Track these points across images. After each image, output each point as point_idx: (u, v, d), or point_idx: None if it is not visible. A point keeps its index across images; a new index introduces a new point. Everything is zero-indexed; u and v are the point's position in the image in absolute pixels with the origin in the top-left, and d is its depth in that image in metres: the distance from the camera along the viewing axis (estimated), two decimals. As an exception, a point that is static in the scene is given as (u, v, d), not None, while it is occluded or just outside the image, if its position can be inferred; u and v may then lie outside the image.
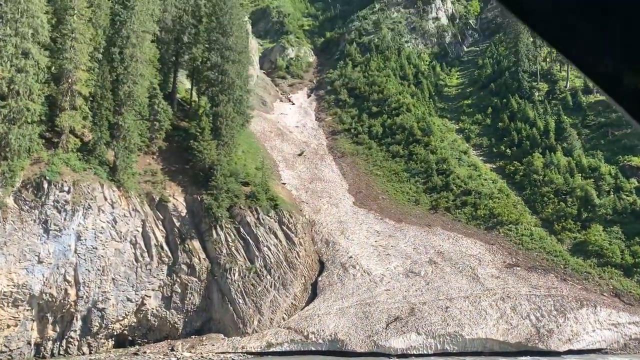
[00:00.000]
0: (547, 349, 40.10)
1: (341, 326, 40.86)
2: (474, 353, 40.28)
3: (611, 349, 42.73)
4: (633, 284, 50.72)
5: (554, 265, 52.50)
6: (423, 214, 62.70)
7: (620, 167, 67.90)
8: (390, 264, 50.10)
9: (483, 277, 47.83)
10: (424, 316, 41.88)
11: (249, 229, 45.67)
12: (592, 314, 43.50)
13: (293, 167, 72.26)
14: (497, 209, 60.64)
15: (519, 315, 42.53)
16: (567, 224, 58.37)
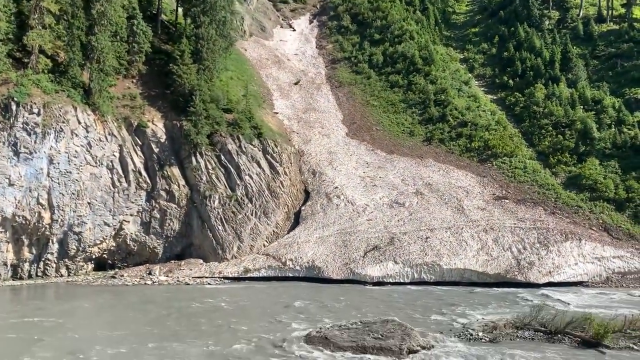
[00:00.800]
0: (525, 280, 39.82)
1: (319, 254, 40.82)
2: (452, 283, 40.19)
3: (593, 282, 42.39)
4: (624, 218, 49.73)
5: (545, 198, 51.46)
6: (416, 145, 61.33)
7: (626, 100, 65.18)
8: (375, 195, 49.45)
9: (468, 208, 47.11)
10: (403, 246, 41.60)
11: (230, 157, 44.85)
12: (576, 247, 42.88)
13: (288, 97, 70.49)
14: (493, 141, 59.01)
15: (500, 246, 42.08)
16: (563, 157, 56.80)
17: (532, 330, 24.44)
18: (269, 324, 25.78)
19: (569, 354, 21.47)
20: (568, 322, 23.79)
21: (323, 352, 20.34)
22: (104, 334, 23.84)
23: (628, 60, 73.05)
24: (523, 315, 25.36)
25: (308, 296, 33.64)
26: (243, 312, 28.87)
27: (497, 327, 24.61)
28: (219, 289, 36.16)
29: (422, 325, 26.07)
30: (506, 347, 22.22)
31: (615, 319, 24.55)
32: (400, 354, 19.96)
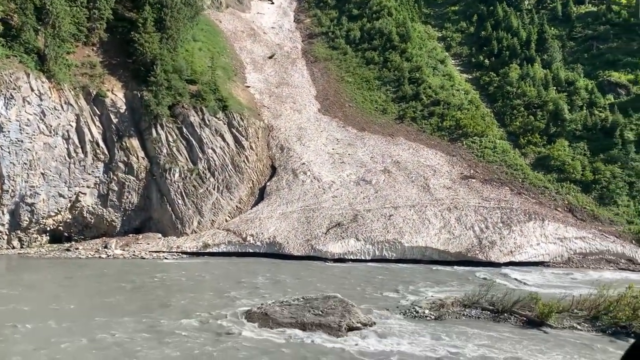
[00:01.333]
0: (486, 259, 39.82)
1: (281, 230, 40.27)
2: (413, 261, 40.02)
3: (555, 262, 42.58)
4: (589, 200, 50.01)
5: (512, 178, 51.44)
6: (388, 123, 60.72)
7: (599, 82, 65.18)
8: (343, 172, 48.88)
9: (434, 187, 46.84)
10: (366, 223, 41.23)
11: (192, 130, 43.75)
12: (539, 228, 42.95)
13: (261, 70, 69.14)
14: (464, 120, 58.64)
15: (463, 225, 41.94)
16: (534, 137, 56.72)
17: (479, 309, 24.25)
18: (219, 300, 25.25)
19: (513, 333, 21.31)
20: (515, 302, 23.62)
21: (260, 329, 19.87)
22: (51, 307, 23.10)
23: (604, 42, 72.95)
24: (472, 294, 25.16)
25: (265, 272, 33.16)
26: (194, 287, 28.27)
27: (444, 305, 24.38)
28: (175, 264, 35.49)
29: (372, 301, 25.78)
30: (450, 325, 22.00)
31: (563, 298, 24.46)
32: (339, 331, 19.56)
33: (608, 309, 22.57)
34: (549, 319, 22.26)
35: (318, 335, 19.32)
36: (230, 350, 17.82)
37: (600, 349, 19.49)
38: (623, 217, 48.22)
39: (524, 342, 19.85)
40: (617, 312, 22.11)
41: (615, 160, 52.84)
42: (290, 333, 19.46)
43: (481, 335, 20.48)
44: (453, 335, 20.30)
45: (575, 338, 20.89)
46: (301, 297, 21.77)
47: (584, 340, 20.49)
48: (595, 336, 21.30)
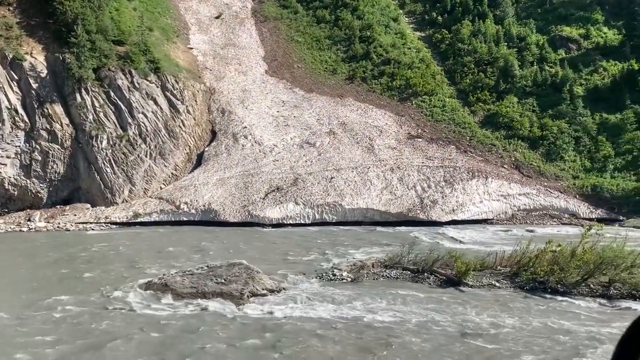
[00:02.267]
0: (427, 219, 39.25)
1: (217, 196, 38.79)
2: (354, 223, 39.21)
3: (498, 219, 42.39)
4: (536, 156, 49.83)
5: (460, 137, 50.77)
6: (338, 84, 59.05)
7: (551, 38, 64.46)
8: (286, 135, 47.32)
9: (379, 148, 45.78)
10: (306, 186, 40.04)
11: (120, 94, 41.33)
12: (482, 185, 42.50)
13: (207, 31, 66.19)
14: (414, 79, 57.37)
15: (405, 185, 41.14)
16: (483, 95, 55.96)
17: (400, 269, 23.45)
18: (128, 272, 23.81)
19: (428, 293, 20.55)
20: (434, 260, 22.86)
21: (157, 301, 18.60)
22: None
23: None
24: (394, 254, 24.33)
25: (193, 241, 31.81)
26: (108, 259, 26.75)
27: (364, 267, 23.51)
28: (101, 235, 33.82)
29: (293, 266, 24.76)
30: (366, 287, 21.11)
31: (489, 256, 23.82)
32: (241, 299, 18.44)
33: (528, 265, 22.00)
34: (467, 277, 21.58)
35: (218, 304, 18.16)
36: (119, 324, 16.53)
37: (511, 305, 18.88)
38: (569, 172, 48.25)
39: (437, 302, 19.11)
40: (536, 267, 21.56)
41: (563, 115, 52.60)
42: (187, 303, 18.25)
43: (395, 296, 19.64)
44: (366, 298, 19.41)
45: (491, 295, 20.26)
46: (205, 266, 20.53)
47: (498, 297, 19.86)
48: (512, 293, 20.72)
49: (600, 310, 18.68)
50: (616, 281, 20.58)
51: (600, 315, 17.99)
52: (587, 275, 20.91)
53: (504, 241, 33.43)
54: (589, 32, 64.41)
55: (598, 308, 18.91)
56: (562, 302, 19.48)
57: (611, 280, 20.69)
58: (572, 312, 18.17)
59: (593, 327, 16.49)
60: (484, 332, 15.74)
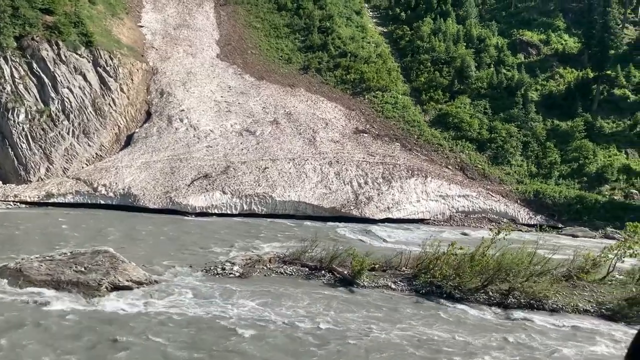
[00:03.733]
0: (361, 215, 37.88)
1: (139, 180, 36.71)
2: (285, 216, 37.57)
3: (435, 220, 41.27)
4: (483, 158, 48.95)
5: (408, 135, 49.57)
6: (291, 73, 57.25)
7: (512, 42, 63.79)
8: (227, 121, 45.40)
9: (321, 140, 44.23)
10: (237, 175, 38.25)
11: (44, 66, 38.85)
12: (421, 184, 41.33)
13: (161, 10, 63.65)
14: (369, 74, 55.91)
15: (341, 180, 39.69)
16: (436, 94, 54.85)
17: (299, 265, 21.92)
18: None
19: (316, 291, 19.07)
20: (333, 257, 21.38)
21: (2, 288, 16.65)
22: None
23: (523, 1, 71.48)
24: (296, 250, 22.78)
25: (99, 225, 29.77)
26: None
27: (261, 261, 21.93)
28: (4, 214, 31.47)
29: (187, 257, 23.05)
30: (248, 282, 19.52)
31: (397, 255, 22.46)
32: (98, 290, 16.63)
33: (428, 267, 20.70)
34: (361, 277, 20.16)
35: (69, 296, 16.30)
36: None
37: (393, 308, 17.51)
38: (514, 176, 47.50)
39: (313, 302, 17.60)
40: (435, 271, 20.26)
41: (514, 119, 51.86)
42: (35, 292, 16.35)
43: (274, 294, 18.09)
44: (239, 294, 17.81)
45: (379, 297, 18.88)
46: (68, 252, 18.62)
47: (385, 300, 18.48)
48: (404, 296, 19.39)
49: (490, 320, 17.45)
50: (515, 289, 19.42)
51: (485, 325, 16.73)
52: (487, 281, 19.71)
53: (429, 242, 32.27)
54: (550, 38, 64.01)
55: (488, 317, 17.67)
56: (453, 308, 18.20)
57: (511, 288, 19.53)
58: (456, 320, 16.86)
59: (468, 338, 15.18)
60: (330, 336, 14.24)
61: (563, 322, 17.40)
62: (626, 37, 64.14)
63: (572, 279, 20.51)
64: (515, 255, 19.45)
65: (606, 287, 20.58)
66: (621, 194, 45.96)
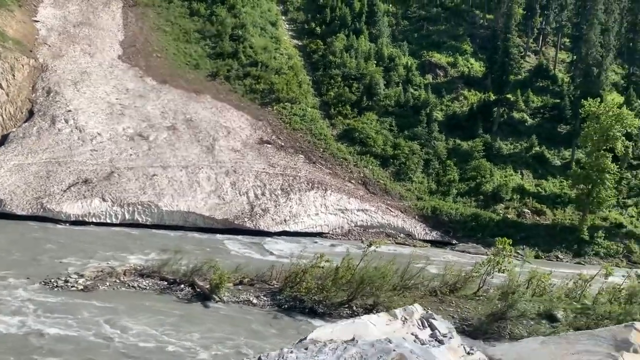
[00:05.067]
0: (255, 228, 36.41)
1: (8, 184, 33.21)
2: (174, 227, 35.32)
3: (333, 233, 40.58)
4: (386, 174, 49.14)
5: (314, 147, 48.96)
6: (198, 79, 55.18)
7: (422, 62, 65.28)
8: (118, 125, 42.59)
9: (220, 149, 42.50)
10: (121, 182, 35.63)
11: None
12: (320, 197, 40.59)
13: (62, 7, 59.66)
14: (279, 85, 54.98)
15: (237, 191, 38.11)
16: (344, 109, 54.73)
17: (157, 279, 20.02)
18: None
19: (165, 307, 17.31)
20: (193, 270, 19.70)
21: None
22: None
23: (434, 24, 73.61)
24: (158, 262, 20.86)
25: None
26: None
27: (113, 274, 19.84)
28: None
29: (31, 268, 20.44)
30: (92, 296, 17.39)
31: (270, 269, 21.12)
32: None
33: (294, 281, 19.53)
34: (220, 291, 18.62)
35: None
36: None
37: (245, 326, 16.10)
38: (414, 193, 47.94)
39: (154, 317, 15.84)
40: (300, 285, 19.14)
41: (418, 137, 52.58)
42: None
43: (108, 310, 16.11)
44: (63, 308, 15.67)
45: (233, 313, 17.42)
46: None
47: (235, 317, 17.04)
48: (263, 311, 18.06)
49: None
50: (380, 304, 18.66)
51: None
52: (352, 295, 18.83)
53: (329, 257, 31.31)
54: (457, 61, 66.10)
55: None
56: (307, 324, 17.05)
57: (375, 302, 18.75)
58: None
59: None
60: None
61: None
62: (527, 65, 67.68)
63: (441, 294, 20.10)
64: (380, 269, 18.71)
65: (473, 302, 20.37)
66: (514, 213, 47.57)
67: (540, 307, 20.17)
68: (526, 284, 21.42)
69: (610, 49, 58.86)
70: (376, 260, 21.50)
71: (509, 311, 18.57)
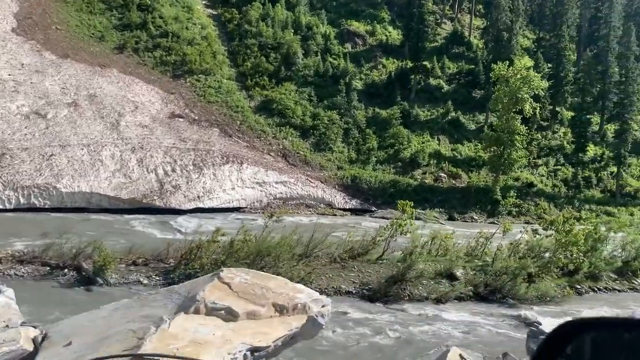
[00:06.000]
0: (165, 206, 34.82)
1: None
2: (76, 209, 33.05)
3: (252, 207, 39.61)
4: (306, 145, 48.57)
5: (230, 120, 47.40)
6: (104, 53, 51.65)
7: (341, 31, 64.60)
8: (11, 103, 39.08)
9: (127, 125, 40.11)
10: (14, 164, 32.81)
11: None
12: (236, 171, 39.40)
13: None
14: (192, 56, 52.57)
15: (144, 168, 36.17)
16: (262, 80, 53.32)
17: (39, 264, 18.37)
18: None
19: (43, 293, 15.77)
20: (77, 253, 18.22)
21: None
22: None
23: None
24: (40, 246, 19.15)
25: None
26: None
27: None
28: None
29: None
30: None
31: (172, 245, 19.89)
32: None
33: (190, 257, 18.54)
34: (105, 274, 17.34)
35: None
36: None
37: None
38: (334, 162, 47.76)
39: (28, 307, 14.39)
40: (195, 261, 18.19)
41: (337, 107, 52.22)
42: None
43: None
44: None
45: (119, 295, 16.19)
46: None
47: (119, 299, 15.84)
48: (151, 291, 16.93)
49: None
50: (280, 274, 18.03)
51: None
52: (250, 268, 18.07)
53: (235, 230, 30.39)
54: (375, 29, 66.02)
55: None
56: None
57: (275, 273, 18.10)
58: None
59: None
60: None
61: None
62: (443, 32, 68.66)
63: (341, 260, 19.81)
64: (279, 240, 18.08)
65: (377, 266, 20.25)
66: (432, 178, 48.59)
67: (442, 267, 20.36)
68: (428, 245, 21.58)
69: (519, 13, 60.63)
70: (288, 230, 20.94)
71: (407, 273, 18.56)
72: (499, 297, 19.30)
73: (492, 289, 19.51)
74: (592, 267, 22.30)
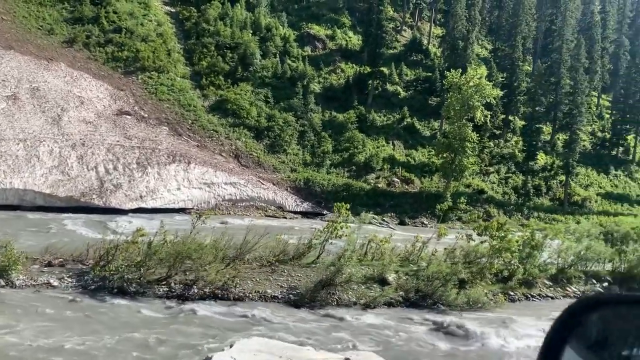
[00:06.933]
0: (105, 205, 33.51)
1: None
2: (8, 207, 31.43)
3: (199, 208, 38.43)
4: (260, 147, 47.84)
5: (182, 119, 46.30)
6: (52, 46, 49.76)
7: (301, 34, 64.18)
8: (-56, 93, 37.07)
9: (69, 120, 38.60)
10: (-60, 159, 30.98)
11: None
12: (183, 171, 38.36)
13: None
14: (145, 53, 51.21)
15: (84, 165, 34.79)
16: (217, 80, 52.35)
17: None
18: None
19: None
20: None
21: None
22: None
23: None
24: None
25: None
26: None
27: None
28: None
29: None
30: None
31: (89, 247, 18.86)
32: None
33: (107, 258, 17.61)
34: (10, 275, 16.26)
35: None
36: None
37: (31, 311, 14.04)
38: (288, 165, 47.21)
39: None
40: (112, 263, 17.27)
41: (294, 109, 51.72)
42: None
43: None
44: None
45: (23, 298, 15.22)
46: None
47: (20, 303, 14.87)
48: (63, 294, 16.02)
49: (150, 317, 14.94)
50: (200, 278, 17.34)
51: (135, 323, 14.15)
52: (170, 272, 17.31)
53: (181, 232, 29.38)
54: (336, 34, 65.91)
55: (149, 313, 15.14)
56: (111, 305, 15.33)
57: (197, 277, 17.41)
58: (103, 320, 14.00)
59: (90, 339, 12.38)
60: None
61: (234, 310, 15.68)
62: (403, 39, 69.10)
63: (269, 263, 19.21)
64: (200, 242, 17.36)
65: (308, 270, 19.71)
66: (385, 182, 48.52)
67: (374, 271, 19.98)
68: (364, 248, 21.20)
69: (476, 23, 61.53)
70: (234, 232, 20.28)
71: (336, 277, 18.10)
72: (430, 303, 19.02)
73: (424, 295, 19.22)
74: (526, 273, 22.31)
